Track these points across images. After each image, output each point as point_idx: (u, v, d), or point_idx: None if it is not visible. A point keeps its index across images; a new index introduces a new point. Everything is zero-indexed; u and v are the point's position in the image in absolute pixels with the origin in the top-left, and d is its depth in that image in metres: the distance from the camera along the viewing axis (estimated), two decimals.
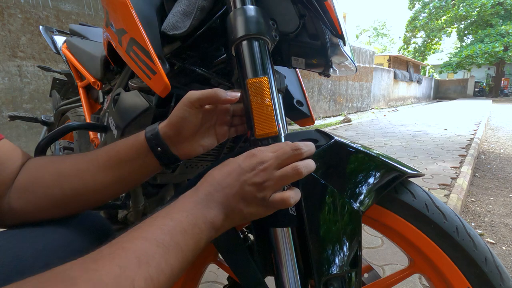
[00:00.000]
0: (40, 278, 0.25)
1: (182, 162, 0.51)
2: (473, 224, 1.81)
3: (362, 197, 0.43)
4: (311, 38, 0.50)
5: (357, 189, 0.43)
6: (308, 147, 0.39)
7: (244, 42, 0.44)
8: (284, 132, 0.43)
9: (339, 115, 7.85)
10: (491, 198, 2.20)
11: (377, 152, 0.46)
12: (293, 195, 0.38)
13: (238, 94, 0.43)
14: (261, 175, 0.36)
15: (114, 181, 0.44)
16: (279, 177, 0.37)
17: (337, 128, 5.58)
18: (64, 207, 0.44)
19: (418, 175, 0.45)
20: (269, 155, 0.38)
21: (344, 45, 0.51)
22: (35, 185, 0.42)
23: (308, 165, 0.39)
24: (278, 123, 0.42)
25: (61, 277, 0.26)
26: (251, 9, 0.44)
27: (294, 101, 0.69)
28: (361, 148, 0.45)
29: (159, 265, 0.30)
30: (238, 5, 0.45)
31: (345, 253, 0.42)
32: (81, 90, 1.06)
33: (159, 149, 0.43)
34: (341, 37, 0.49)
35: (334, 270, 0.42)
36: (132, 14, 0.47)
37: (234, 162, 0.38)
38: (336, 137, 0.45)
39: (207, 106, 0.44)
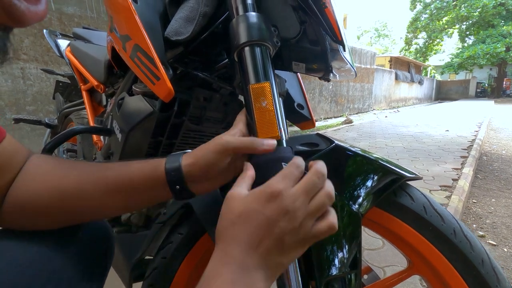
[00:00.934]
0: None
1: None
2: (474, 226, 1.81)
3: (361, 199, 0.44)
4: (312, 44, 0.51)
5: (356, 192, 0.44)
6: (323, 166, 0.35)
7: (246, 48, 0.45)
8: (285, 137, 0.44)
9: (340, 116, 7.85)
10: (493, 200, 2.20)
11: (376, 155, 0.47)
12: (334, 216, 0.34)
13: (275, 142, 0.39)
14: (297, 217, 0.32)
15: (121, 206, 0.42)
16: (315, 209, 0.33)
17: (338, 129, 5.59)
18: (62, 224, 0.42)
19: (417, 178, 0.46)
20: (291, 189, 0.33)
21: (344, 50, 0.52)
22: (33, 203, 0.39)
23: (331, 187, 0.35)
24: (280, 128, 0.43)
25: None
26: (253, 16, 0.45)
27: (295, 104, 0.70)
28: (360, 152, 0.46)
29: None
30: (241, 12, 0.46)
31: (345, 255, 0.43)
32: (84, 93, 1.07)
33: (177, 187, 0.40)
34: (341, 43, 0.49)
35: (335, 271, 0.42)
36: (137, 21, 0.48)
37: (254, 210, 0.32)
38: (336, 141, 0.46)
39: None
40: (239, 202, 0.34)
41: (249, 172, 0.38)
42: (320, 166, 0.35)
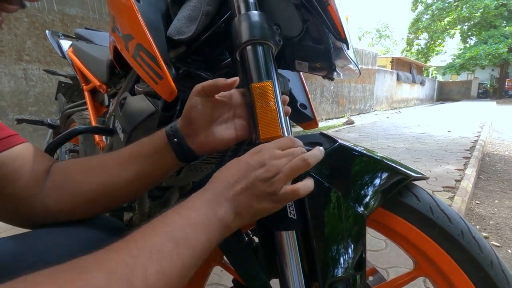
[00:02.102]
0: (54, 269, 0.26)
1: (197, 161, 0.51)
2: (478, 227, 1.79)
3: (366, 200, 0.43)
4: (315, 42, 0.51)
5: (361, 192, 0.43)
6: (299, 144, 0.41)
7: (249, 47, 0.44)
8: (288, 135, 0.43)
9: (341, 117, 7.84)
10: (496, 201, 2.19)
11: (381, 155, 0.46)
12: (303, 185, 0.38)
13: (237, 78, 0.44)
14: (271, 170, 0.37)
15: (136, 176, 0.45)
16: (289, 170, 0.37)
17: (340, 130, 5.58)
18: (93, 204, 0.45)
19: (423, 178, 0.45)
20: (275, 150, 0.39)
21: (348, 48, 0.51)
22: (67, 182, 0.44)
23: (315, 155, 0.39)
24: (282, 127, 0.42)
25: (74, 266, 0.27)
26: (255, 14, 0.45)
27: (298, 104, 0.70)
28: (365, 152, 0.45)
29: (170, 259, 0.30)
30: (243, 10, 0.46)
31: (350, 256, 0.42)
32: (86, 94, 1.07)
33: (175, 139, 0.44)
34: (345, 41, 0.49)
35: (339, 273, 0.42)
36: (139, 20, 0.48)
37: (241, 160, 0.39)
38: (340, 141, 0.46)
39: (217, 97, 0.45)
40: (236, 159, 0.40)
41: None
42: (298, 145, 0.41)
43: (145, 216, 0.76)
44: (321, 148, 0.41)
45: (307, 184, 0.39)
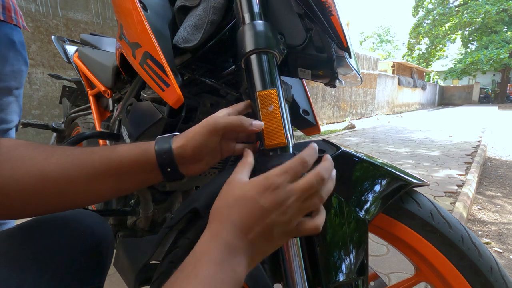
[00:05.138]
0: None
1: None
2: (479, 232, 1.79)
3: (368, 206, 0.44)
4: (318, 51, 0.52)
5: (363, 198, 0.44)
6: (328, 170, 0.37)
7: (253, 56, 0.45)
8: (291, 142, 0.44)
9: (343, 121, 7.84)
10: (498, 206, 2.18)
11: (382, 161, 0.47)
12: (321, 220, 0.36)
13: (262, 124, 0.42)
14: (289, 212, 0.34)
15: (112, 189, 0.40)
16: (306, 208, 0.35)
17: (341, 134, 5.58)
18: (44, 211, 0.39)
19: (423, 184, 0.46)
20: (289, 185, 0.34)
21: (350, 57, 0.52)
22: (11, 187, 0.35)
23: (330, 186, 0.37)
24: (286, 134, 0.43)
25: None
26: (260, 24, 0.46)
27: (300, 110, 0.71)
28: (366, 158, 0.46)
29: None
30: (248, 20, 0.47)
31: (352, 261, 0.43)
32: (91, 98, 1.09)
33: (168, 169, 0.40)
34: (347, 50, 0.50)
35: (341, 277, 0.42)
36: (147, 29, 0.49)
37: (252, 199, 0.34)
38: (342, 148, 0.47)
39: None
40: (238, 188, 0.35)
41: (249, 158, 0.40)
42: (323, 169, 0.36)
43: (148, 219, 0.77)
44: (333, 172, 0.38)
45: (323, 218, 0.37)
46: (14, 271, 0.38)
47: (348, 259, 0.43)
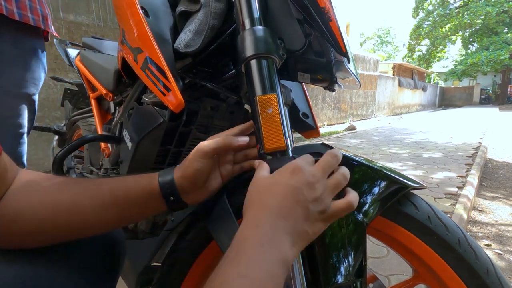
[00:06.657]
0: None
1: None
2: (480, 234, 1.79)
3: (366, 208, 0.45)
4: (317, 56, 0.52)
5: (361, 201, 0.45)
6: (336, 153, 0.40)
7: (253, 61, 0.46)
8: (291, 146, 0.45)
9: (343, 123, 7.85)
10: (498, 208, 2.18)
11: (380, 165, 0.48)
12: (354, 197, 0.37)
13: (247, 138, 0.46)
14: (318, 188, 0.35)
15: (118, 220, 0.43)
16: (333, 186, 0.37)
17: (342, 135, 5.58)
18: (52, 241, 0.40)
19: (421, 187, 0.47)
20: (313, 167, 0.37)
21: (349, 62, 0.53)
22: (25, 217, 0.37)
23: (347, 171, 0.39)
24: (286, 138, 0.44)
25: None
26: (260, 29, 0.47)
27: (300, 113, 0.72)
28: (364, 161, 0.47)
29: None
30: (248, 26, 0.48)
31: (351, 263, 0.44)
32: (93, 101, 1.10)
33: (172, 198, 0.43)
34: (345, 55, 0.51)
35: (340, 279, 0.43)
36: (148, 34, 0.50)
37: (280, 182, 0.36)
38: (341, 151, 0.47)
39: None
40: (265, 180, 0.38)
41: (263, 163, 0.41)
42: (335, 151, 0.40)
43: (149, 222, 0.78)
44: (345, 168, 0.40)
45: (356, 195, 0.38)
46: (28, 270, 0.38)
47: (346, 261, 0.44)
